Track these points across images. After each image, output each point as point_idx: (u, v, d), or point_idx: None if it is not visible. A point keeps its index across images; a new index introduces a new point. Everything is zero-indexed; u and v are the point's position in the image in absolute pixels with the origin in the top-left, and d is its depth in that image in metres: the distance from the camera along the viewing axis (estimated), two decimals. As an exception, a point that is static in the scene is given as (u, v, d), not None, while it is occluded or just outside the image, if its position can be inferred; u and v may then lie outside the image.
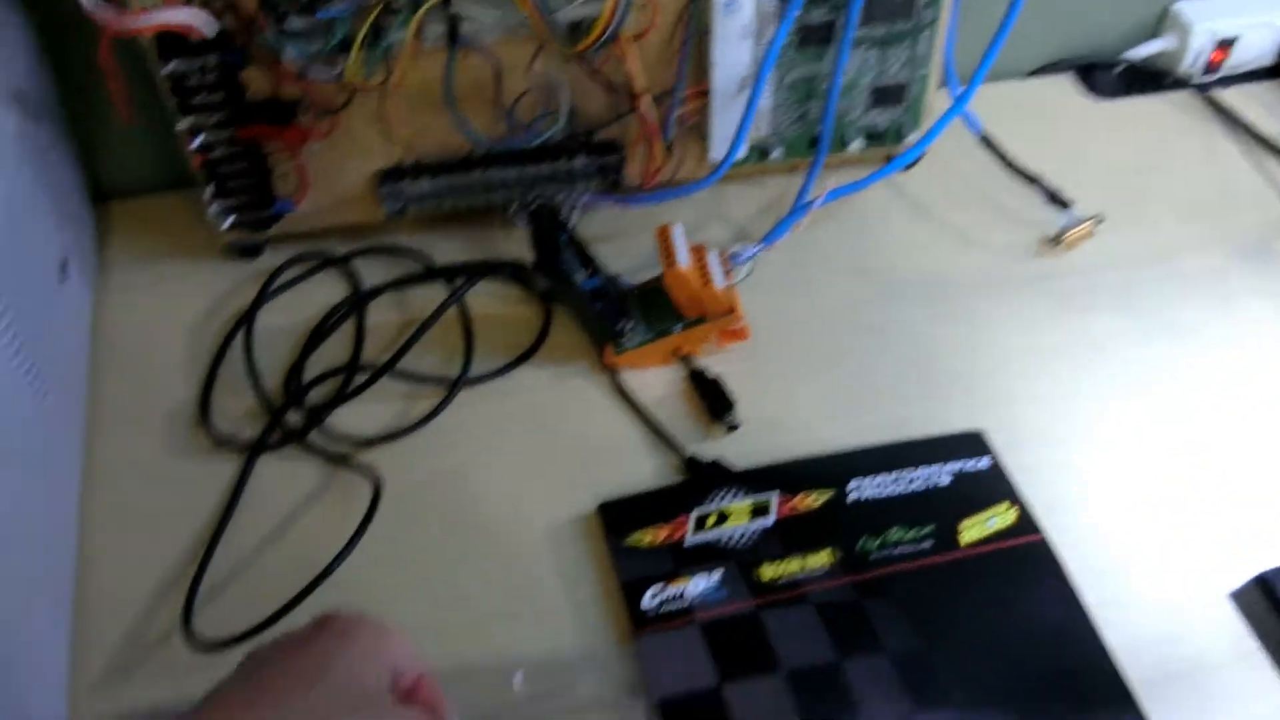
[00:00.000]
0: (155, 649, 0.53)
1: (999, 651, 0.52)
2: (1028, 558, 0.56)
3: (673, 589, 0.53)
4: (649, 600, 0.53)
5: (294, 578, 0.54)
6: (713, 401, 0.63)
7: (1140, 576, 0.56)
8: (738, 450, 0.61)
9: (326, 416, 0.62)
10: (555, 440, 0.62)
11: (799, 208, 0.67)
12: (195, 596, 0.54)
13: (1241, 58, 0.84)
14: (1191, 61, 0.83)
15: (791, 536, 0.56)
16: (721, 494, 0.57)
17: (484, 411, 0.63)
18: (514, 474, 0.60)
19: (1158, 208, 0.76)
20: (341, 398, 0.63)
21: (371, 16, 0.59)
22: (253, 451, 0.60)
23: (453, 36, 0.62)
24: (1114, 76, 0.85)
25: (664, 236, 0.62)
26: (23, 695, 0.46)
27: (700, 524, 0.56)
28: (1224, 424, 0.63)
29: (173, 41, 0.59)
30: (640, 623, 0.52)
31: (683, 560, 0.55)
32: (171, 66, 0.60)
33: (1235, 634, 0.55)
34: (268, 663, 0.39)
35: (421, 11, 0.60)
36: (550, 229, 0.63)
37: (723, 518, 0.56)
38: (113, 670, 0.52)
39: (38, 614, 0.49)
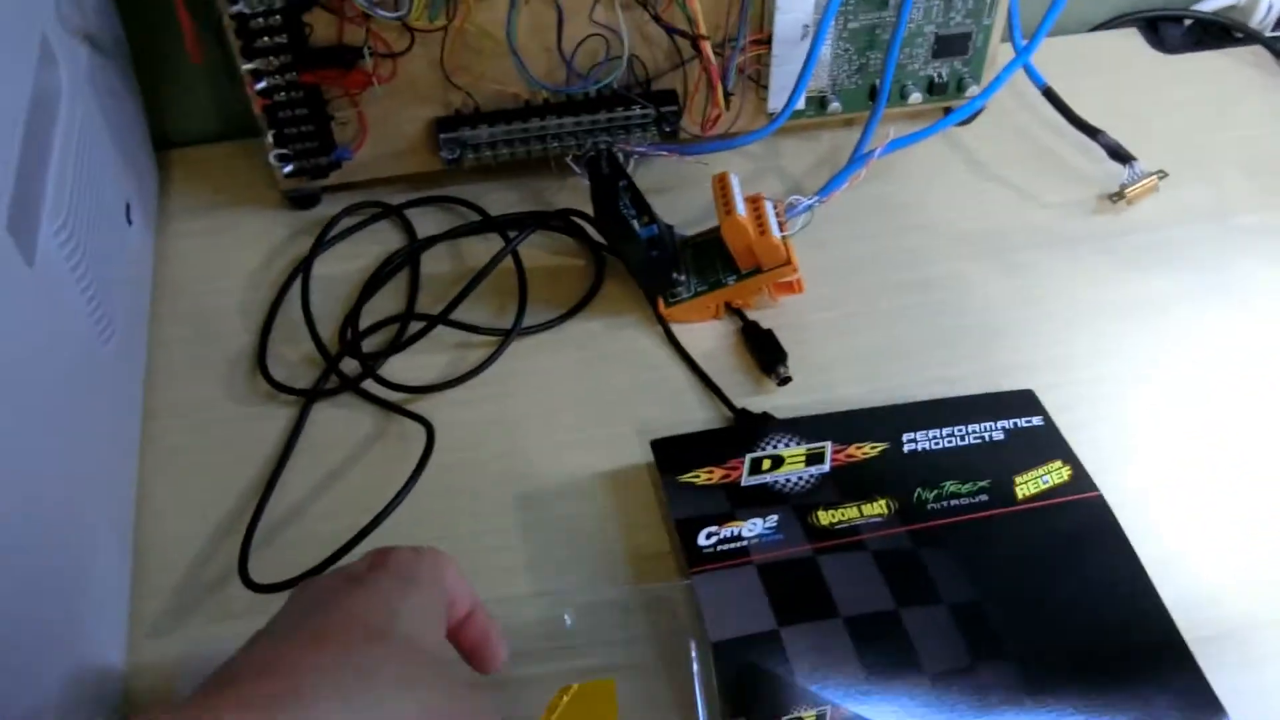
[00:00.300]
0: (213, 591, 0.53)
1: (1055, 605, 0.51)
2: (1084, 513, 0.55)
3: (728, 529, 0.53)
4: (704, 539, 0.52)
5: (348, 523, 0.53)
6: (765, 354, 0.62)
7: (1192, 536, 0.55)
8: (789, 406, 0.59)
9: (381, 365, 0.62)
10: (607, 391, 0.61)
11: (857, 158, 0.65)
12: (251, 540, 0.54)
13: (1313, 11, 0.80)
14: (1264, 15, 0.80)
15: (847, 484, 0.55)
16: (776, 440, 0.56)
17: (537, 362, 0.63)
18: (566, 423, 0.60)
19: (1223, 165, 0.74)
20: (396, 347, 0.63)
21: (436, -42, 0.58)
22: (309, 398, 0.60)
23: (516, -21, 0.60)
24: (1182, 31, 0.83)
25: (722, 185, 0.61)
26: (86, 634, 0.46)
27: (755, 467, 0.55)
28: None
29: (238, -19, 0.58)
30: (696, 560, 0.51)
31: (738, 501, 0.54)
32: (237, 7, 0.59)
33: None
34: (327, 603, 0.37)
35: (487, -46, 0.58)
36: (610, 175, 0.62)
37: (778, 462, 0.55)
38: (170, 611, 0.52)
39: (100, 554, 0.49)
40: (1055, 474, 0.56)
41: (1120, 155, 0.71)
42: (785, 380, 0.61)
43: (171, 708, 0.31)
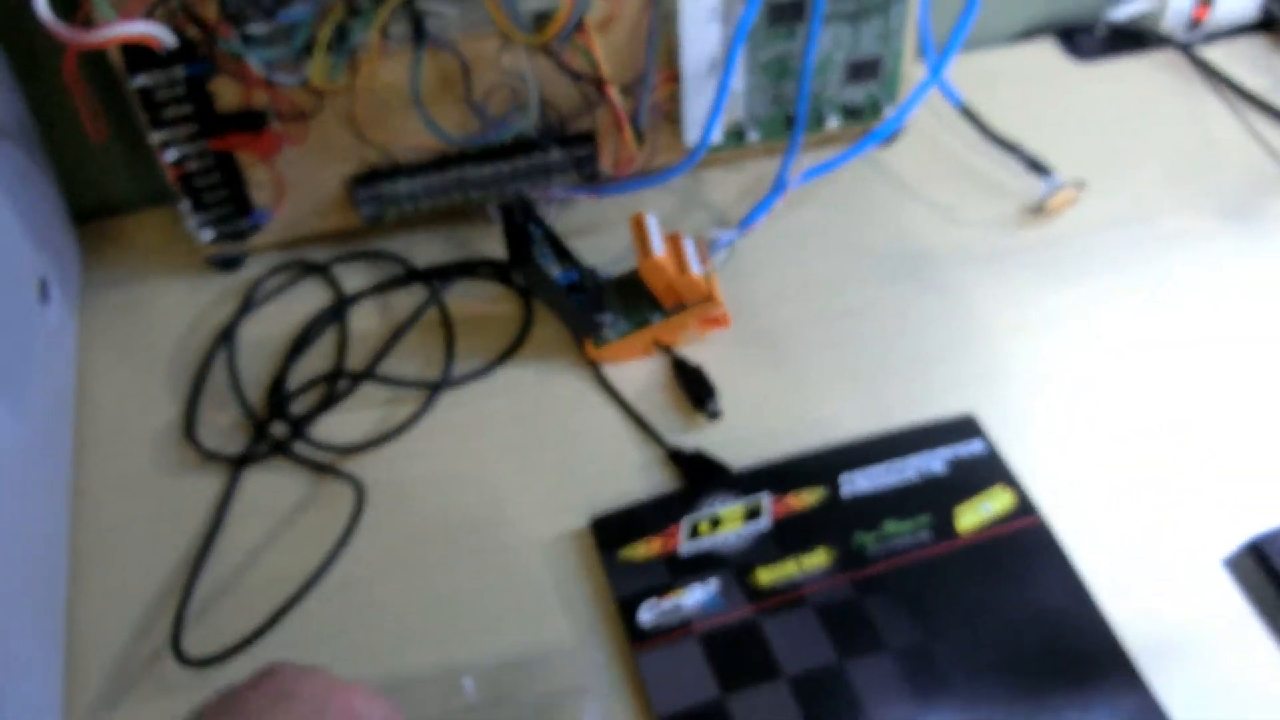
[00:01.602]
0: (148, 668, 0.49)
1: (1000, 637, 0.48)
2: (1026, 541, 0.51)
3: (669, 601, 0.48)
4: (645, 615, 0.48)
5: (283, 589, 0.50)
6: (694, 390, 0.58)
7: (1138, 549, 0.52)
8: (724, 440, 0.56)
9: (310, 426, 0.58)
10: (541, 438, 0.57)
11: (776, 189, 0.61)
12: (185, 613, 0.50)
13: (1224, 14, 0.77)
14: (1174, 19, 0.76)
15: (787, 538, 0.51)
16: (713, 499, 0.52)
17: (468, 413, 0.58)
18: (500, 477, 0.56)
19: (1143, 169, 0.70)
20: (325, 406, 0.59)
21: (334, 18, 0.54)
22: (238, 465, 0.56)
23: (417, 34, 0.56)
24: (1096, 38, 0.79)
25: (638, 226, 0.57)
26: None
27: (693, 532, 0.51)
28: (1216, 389, 0.58)
29: (140, 55, 0.54)
30: (638, 638, 0.47)
31: (678, 570, 0.50)
32: (139, 81, 0.55)
33: (1232, 601, 0.50)
34: (220, 714, 0.35)
35: (385, 10, 0.54)
36: (522, 224, 0.58)
37: (716, 523, 0.51)
38: (106, 693, 0.48)
39: (30, 640, 0.45)
40: (997, 500, 0.52)
41: (1039, 168, 0.67)
42: (715, 415, 0.56)
43: None
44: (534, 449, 0.56)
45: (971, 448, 0.54)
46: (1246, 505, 0.52)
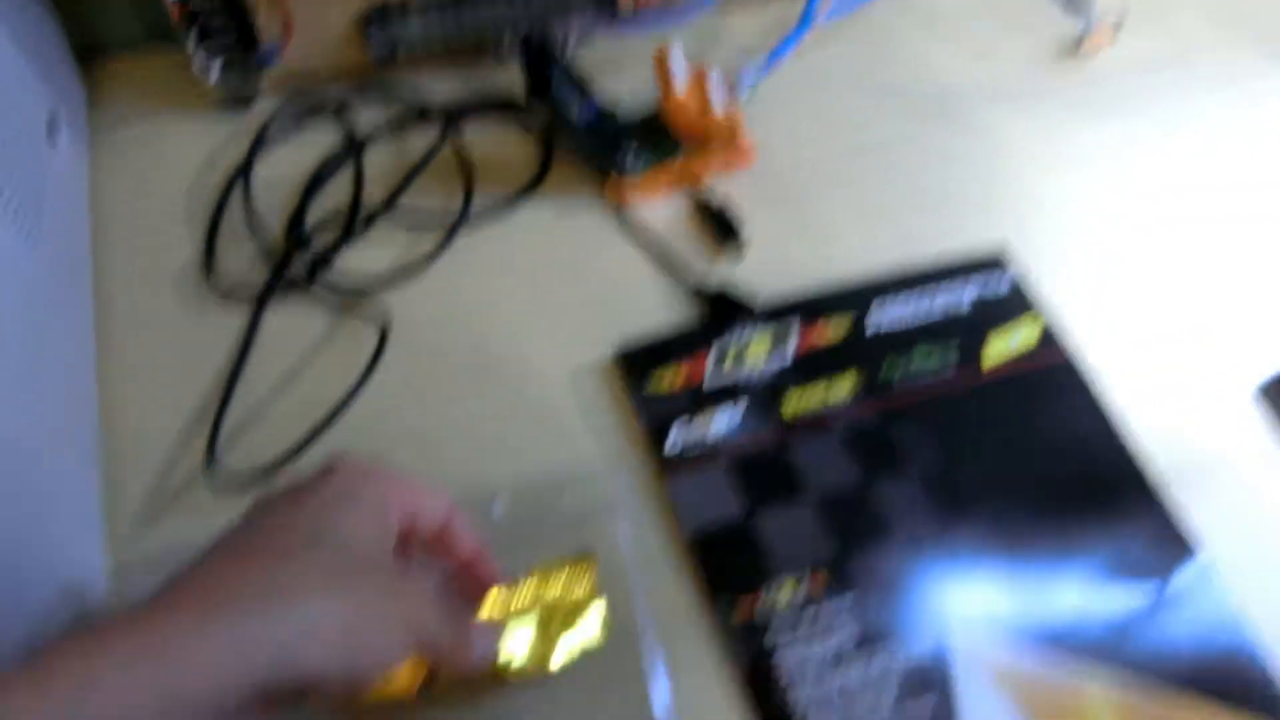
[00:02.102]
0: (182, 493, 0.50)
1: (1024, 464, 0.49)
2: (1052, 373, 0.52)
3: (696, 429, 0.49)
4: (673, 443, 0.48)
5: (308, 419, 0.50)
6: (718, 227, 0.57)
7: (1167, 381, 0.52)
8: (748, 277, 0.56)
9: (330, 262, 0.57)
10: (562, 276, 0.57)
11: (802, 23, 0.59)
12: (216, 441, 0.50)
13: None
14: None
15: (813, 367, 0.51)
16: (739, 330, 0.52)
17: (489, 251, 0.58)
18: (523, 313, 0.55)
19: (1183, 11, 0.67)
20: (343, 243, 0.58)
21: None
22: (259, 301, 0.56)
23: None
24: None
25: (661, 61, 0.55)
26: (62, 546, 0.43)
27: (719, 362, 0.51)
28: (1249, 224, 0.58)
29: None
30: (666, 464, 0.48)
31: (704, 400, 0.50)
32: None
33: (1261, 429, 0.51)
34: (271, 513, 0.36)
35: None
36: (542, 58, 0.56)
37: (742, 354, 0.51)
38: (143, 516, 0.49)
39: (66, 467, 0.46)
40: (1025, 334, 0.52)
41: (1075, 6, 0.64)
42: (740, 252, 0.56)
43: (104, 629, 0.31)
44: (556, 286, 0.56)
45: (1000, 282, 0.54)
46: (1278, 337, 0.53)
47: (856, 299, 0.53)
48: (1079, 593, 0.45)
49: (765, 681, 0.42)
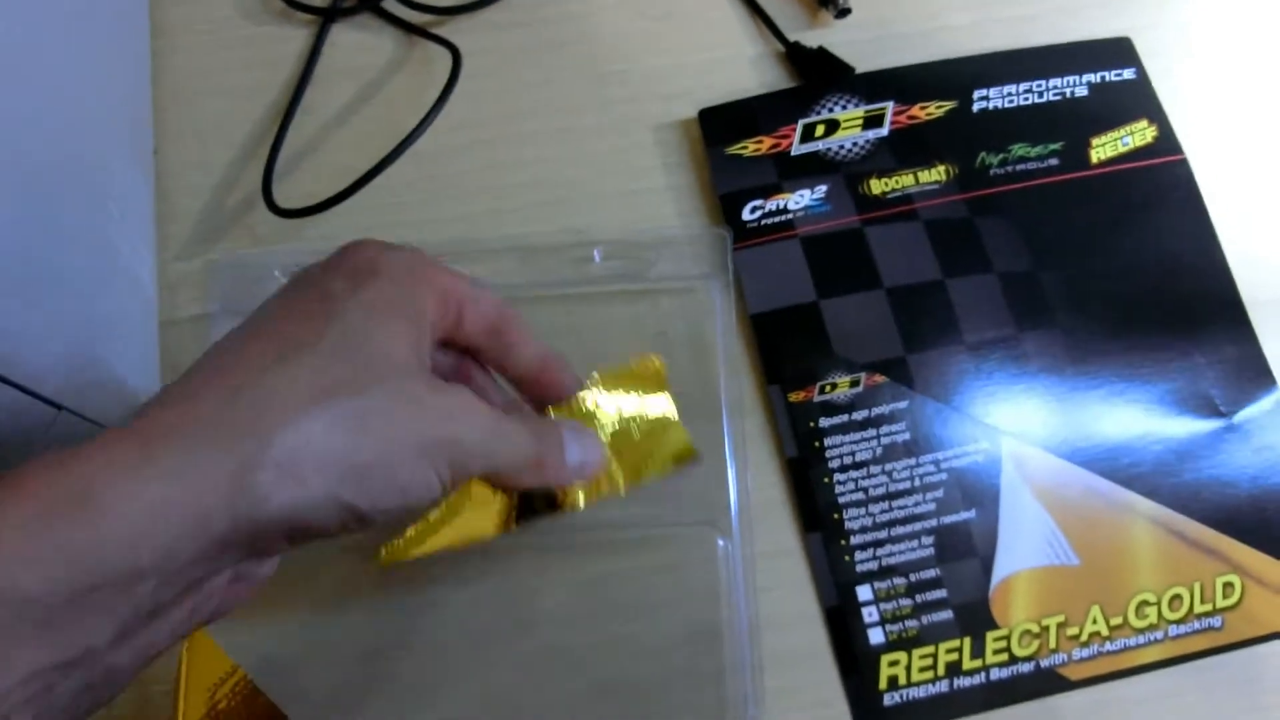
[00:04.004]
0: (238, 217, 0.50)
1: (1113, 273, 0.48)
2: (1162, 180, 0.50)
3: (774, 202, 0.48)
4: (749, 213, 0.48)
5: (373, 149, 0.49)
6: (822, -15, 0.54)
7: (1276, 201, 0.50)
8: (849, 41, 0.53)
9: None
10: (649, 20, 0.54)
11: None
12: (274, 164, 0.50)
13: None
14: None
15: (906, 149, 0.49)
16: (832, 101, 0.50)
17: (578, -12, 0.55)
18: (605, 55, 0.54)
19: None
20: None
21: None
22: (326, 17, 0.54)
23: None
24: None
25: None
26: (115, 248, 0.44)
27: (808, 133, 0.49)
28: None
29: None
30: (739, 235, 0.48)
31: (787, 171, 0.49)
32: None
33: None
34: (268, 306, 0.31)
35: None
36: None
37: (832, 127, 0.50)
38: (196, 237, 0.50)
39: (120, 173, 0.46)
40: (1139, 135, 0.50)
41: None
42: (844, 12, 0.53)
43: (138, 418, 0.26)
44: (641, 30, 0.54)
45: (1121, 74, 0.51)
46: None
47: (963, 75, 0.51)
48: (1144, 416, 0.46)
49: (812, 466, 0.45)
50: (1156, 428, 0.45)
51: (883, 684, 0.42)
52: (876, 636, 0.43)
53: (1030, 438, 0.45)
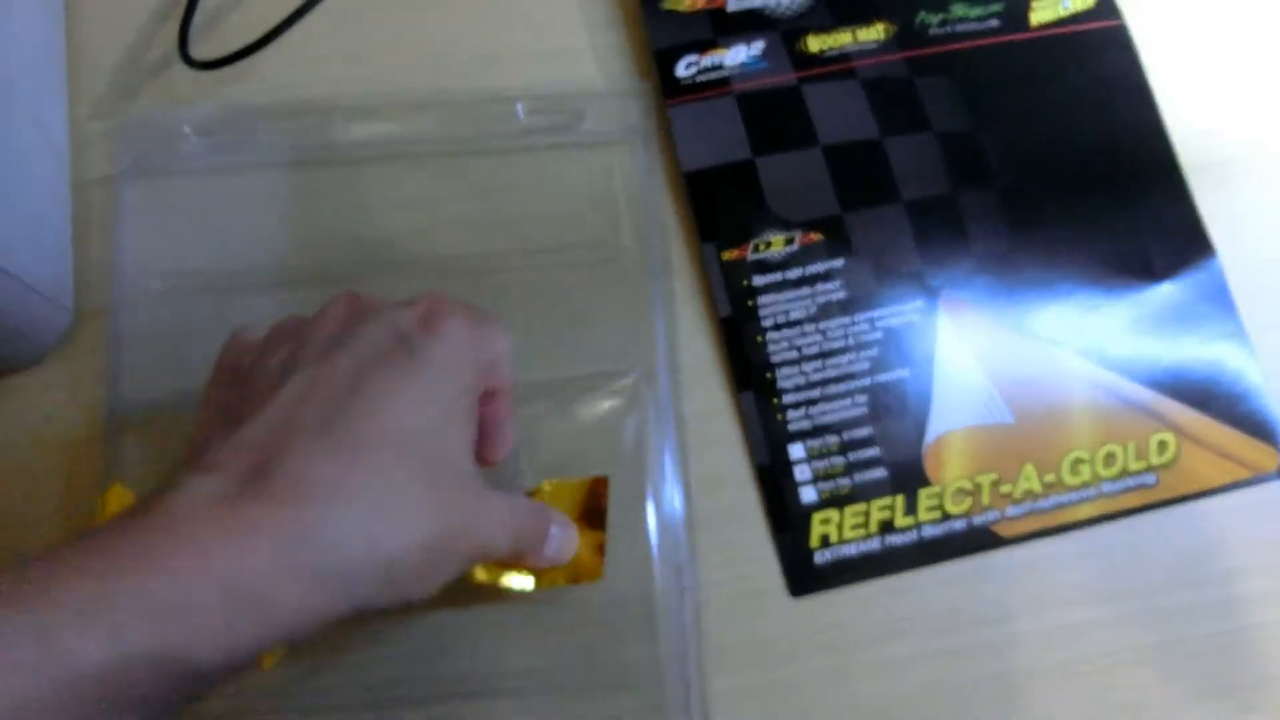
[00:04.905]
0: (155, 73, 0.48)
1: (1052, 135, 0.48)
2: (1100, 42, 0.49)
3: (710, 58, 0.47)
4: (684, 69, 0.47)
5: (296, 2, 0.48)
6: None
7: (1217, 70, 0.50)
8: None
9: None
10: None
11: None
12: (192, 17, 0.48)
13: None
14: None
15: (845, 6, 0.49)
16: (771, -47, 0.49)
17: None
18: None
19: None
20: None
21: None
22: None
23: None
24: None
25: None
26: (21, 97, 0.41)
27: (745, -14, 0.48)
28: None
29: None
30: (673, 91, 0.46)
31: (724, 27, 0.48)
32: None
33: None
34: (362, 392, 0.30)
35: None
36: None
37: (770, -20, 0.48)
38: (112, 92, 0.48)
39: (26, 23, 0.43)
40: (1079, -1, 0.50)
41: None
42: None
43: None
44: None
45: (1064, -64, 0.51)
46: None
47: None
48: (1081, 277, 0.46)
49: (744, 325, 0.44)
50: (1092, 290, 0.45)
51: (814, 542, 0.42)
52: (808, 495, 0.42)
53: (967, 298, 0.45)
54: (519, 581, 0.37)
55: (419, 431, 0.29)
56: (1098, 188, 0.47)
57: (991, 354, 0.44)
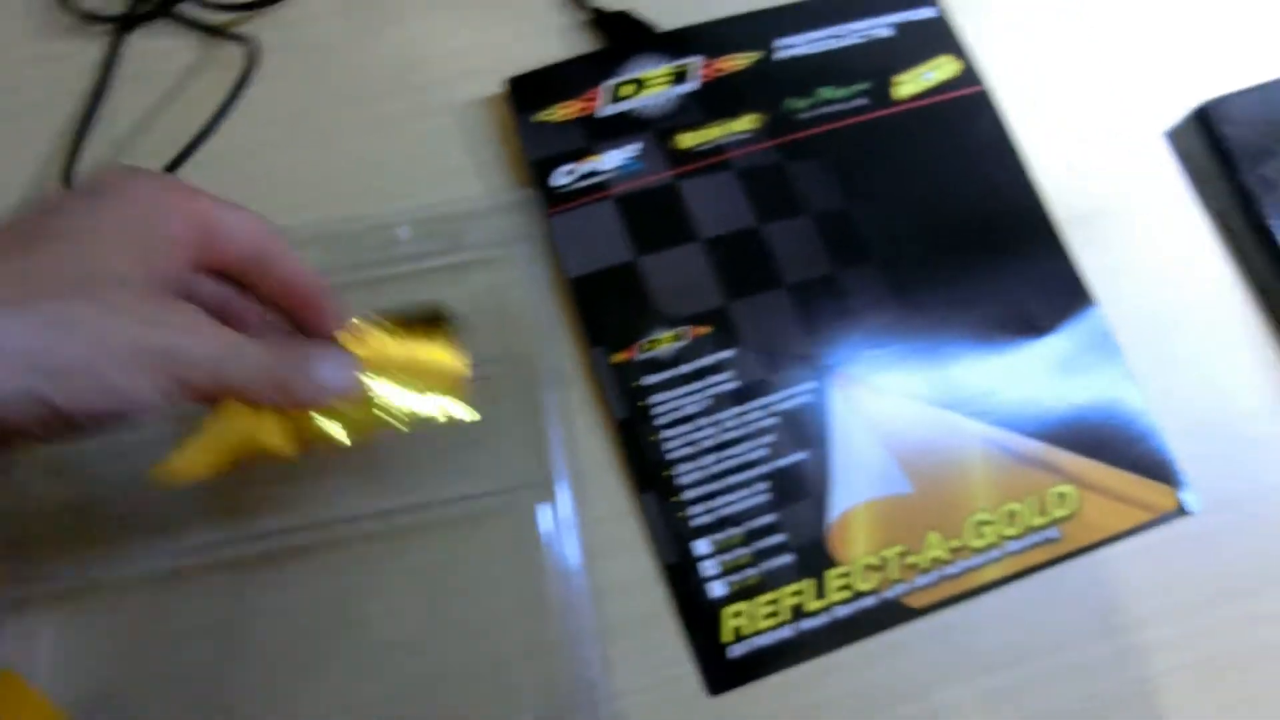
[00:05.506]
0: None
1: (926, 203, 0.49)
2: (966, 110, 0.51)
3: (586, 165, 0.49)
4: (561, 177, 0.48)
5: (174, 151, 0.49)
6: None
7: (1081, 121, 0.52)
8: (655, 7, 0.53)
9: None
10: (453, 1, 0.54)
11: None
12: (71, 175, 0.50)
13: None
14: None
15: (714, 101, 0.50)
16: (638, 62, 0.51)
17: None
18: (409, 40, 0.54)
19: None
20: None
21: None
22: (122, 26, 0.53)
23: None
24: None
25: None
26: None
27: (615, 95, 0.50)
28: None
29: None
30: (553, 200, 0.48)
31: (597, 133, 0.49)
32: None
33: (1168, 174, 0.52)
34: (27, 210, 0.32)
35: None
36: None
37: (640, 86, 0.50)
38: None
39: None
40: (941, 70, 0.52)
41: None
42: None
43: None
44: (446, 10, 0.54)
45: (921, 13, 0.53)
46: (1195, 78, 0.52)
47: (766, 26, 0.52)
48: (966, 340, 0.47)
49: (640, 426, 0.45)
50: (979, 350, 0.47)
51: (727, 636, 0.42)
52: (718, 589, 0.43)
53: (857, 373, 0.46)
54: (330, 427, 0.37)
55: (88, 247, 0.30)
56: (976, 250, 0.48)
57: (886, 425, 0.45)
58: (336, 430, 0.37)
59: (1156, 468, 0.46)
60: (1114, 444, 0.46)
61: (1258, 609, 0.44)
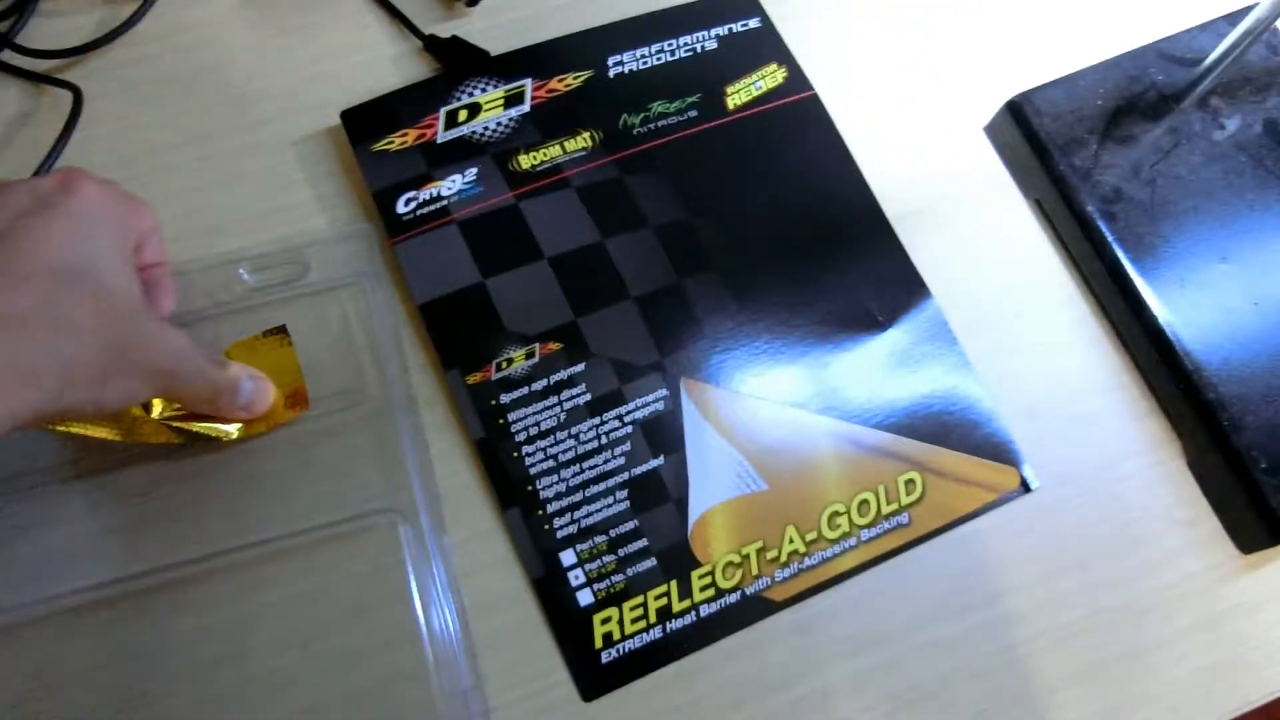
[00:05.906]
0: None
1: (764, 211, 0.51)
2: (796, 115, 0.53)
3: (426, 191, 0.49)
4: (403, 205, 0.49)
5: None
6: (453, -23, 0.55)
7: (904, 120, 0.55)
8: (484, 28, 0.55)
9: (19, 31, 0.53)
10: (282, 31, 0.54)
11: None
12: None
13: None
14: None
15: (549, 121, 0.51)
16: (472, 86, 0.51)
17: (195, 15, 0.55)
18: (241, 77, 0.53)
19: None
20: (30, 9, 0.53)
21: None
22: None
23: None
24: None
25: None
26: None
27: (451, 120, 0.51)
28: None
29: None
30: (396, 229, 0.48)
31: (435, 160, 0.50)
32: None
33: (988, 165, 0.55)
34: (18, 233, 0.34)
35: None
36: None
37: (475, 110, 0.51)
38: None
39: None
40: (769, 78, 0.54)
41: None
42: (474, 1, 0.55)
43: None
44: (278, 45, 0.54)
45: (747, 24, 0.55)
46: (1009, 73, 0.55)
47: (596, 44, 0.53)
48: (810, 338, 0.49)
49: (499, 443, 0.45)
50: (824, 348, 0.49)
51: (598, 642, 0.43)
52: (585, 598, 0.44)
53: (706, 378, 0.47)
54: (226, 427, 0.43)
55: (75, 264, 0.34)
56: (816, 250, 0.50)
57: (737, 427, 0.47)
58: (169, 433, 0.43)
59: (998, 450, 0.48)
60: (956, 430, 0.48)
61: (1098, 576, 0.47)
